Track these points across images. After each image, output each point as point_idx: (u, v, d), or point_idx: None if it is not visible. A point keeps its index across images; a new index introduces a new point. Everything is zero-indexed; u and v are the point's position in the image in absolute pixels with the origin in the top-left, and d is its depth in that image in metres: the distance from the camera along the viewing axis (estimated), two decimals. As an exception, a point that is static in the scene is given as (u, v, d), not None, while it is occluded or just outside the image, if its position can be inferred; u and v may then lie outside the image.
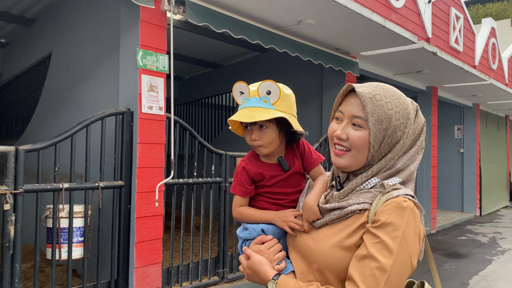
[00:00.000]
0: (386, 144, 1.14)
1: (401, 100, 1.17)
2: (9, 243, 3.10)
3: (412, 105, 1.19)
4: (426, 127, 8.84)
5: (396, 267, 1.04)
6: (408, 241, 1.06)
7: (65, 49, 5.42)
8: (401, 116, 1.14)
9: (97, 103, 4.57)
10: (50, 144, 3.39)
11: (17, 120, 7.21)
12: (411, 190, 1.15)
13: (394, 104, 1.14)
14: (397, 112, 1.14)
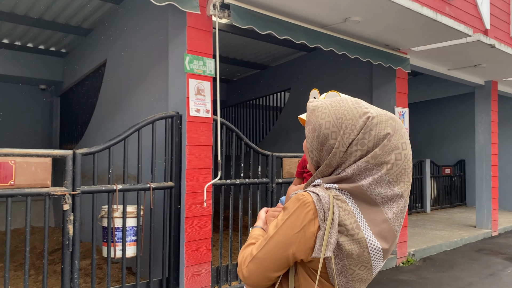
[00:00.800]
0: (325, 152, 1.21)
1: (341, 111, 1.20)
2: (68, 241, 3.30)
3: (361, 117, 1.18)
4: (485, 124, 8.46)
5: (270, 244, 1.19)
6: (287, 227, 1.16)
7: (119, 57, 5.68)
8: (332, 125, 1.19)
9: (148, 107, 4.75)
10: (104, 147, 3.57)
11: (77, 125, 7.65)
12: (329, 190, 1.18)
13: (328, 114, 1.20)
14: (327, 122, 1.19)
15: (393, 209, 1.18)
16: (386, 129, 1.17)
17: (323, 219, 1.13)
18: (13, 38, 7.29)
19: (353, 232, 1.13)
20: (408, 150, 1.21)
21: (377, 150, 1.16)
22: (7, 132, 8.38)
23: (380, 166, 1.16)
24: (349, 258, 1.15)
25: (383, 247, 1.16)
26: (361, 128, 1.17)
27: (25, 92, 8.79)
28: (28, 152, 3.19)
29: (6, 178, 3.12)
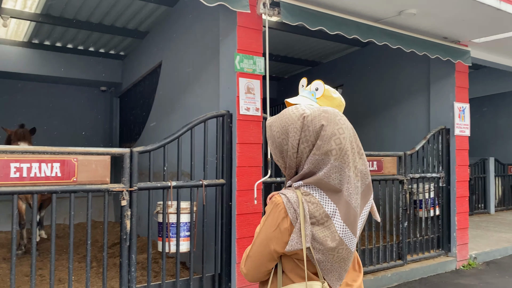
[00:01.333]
0: (284, 157, 1.42)
1: (284, 119, 1.41)
2: (126, 235, 3.46)
3: (299, 118, 1.38)
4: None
5: (256, 243, 1.41)
6: (266, 227, 1.38)
7: (173, 58, 5.86)
8: (281, 134, 1.40)
9: (200, 107, 4.86)
10: (159, 145, 3.70)
11: (135, 124, 7.99)
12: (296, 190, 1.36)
13: (276, 126, 1.42)
14: (277, 132, 1.41)
15: (350, 190, 1.35)
16: (320, 122, 1.35)
17: (294, 216, 1.33)
18: (76, 43, 7.75)
19: (323, 221, 1.33)
20: (346, 134, 1.36)
21: (318, 141, 1.34)
22: (71, 132, 8.92)
23: (326, 154, 1.33)
24: (324, 245, 1.33)
25: (350, 227, 1.35)
26: (301, 128, 1.37)
27: (88, 93, 9.31)
28: (89, 151, 3.38)
29: (69, 175, 3.32)
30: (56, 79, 8.34)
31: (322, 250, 1.33)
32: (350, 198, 1.35)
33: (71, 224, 3.31)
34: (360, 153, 1.41)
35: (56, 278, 4.71)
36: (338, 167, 1.33)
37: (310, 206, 1.33)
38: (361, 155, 1.42)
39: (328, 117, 1.37)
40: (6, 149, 3.08)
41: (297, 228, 1.32)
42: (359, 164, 1.40)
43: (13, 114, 8.08)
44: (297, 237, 1.32)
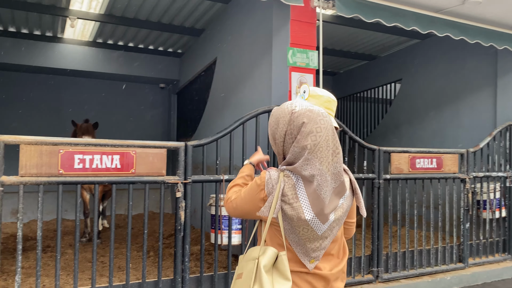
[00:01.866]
0: (276, 145, 1.69)
1: (277, 113, 1.68)
2: (180, 226, 3.56)
3: (289, 113, 1.62)
4: None
5: (242, 197, 1.76)
6: (249, 189, 1.73)
7: (227, 54, 5.94)
8: (275, 123, 1.67)
9: (253, 102, 4.89)
10: (213, 140, 3.77)
11: (191, 120, 8.21)
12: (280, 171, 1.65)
13: (273, 116, 1.71)
14: (273, 121, 1.70)
15: (320, 181, 1.55)
16: (303, 119, 1.57)
17: (270, 190, 1.61)
18: (137, 41, 8.09)
19: (292, 201, 1.57)
20: (323, 133, 1.57)
21: (298, 136, 1.58)
22: (131, 127, 9.35)
23: (303, 148, 1.57)
24: (292, 221, 1.58)
25: (316, 213, 1.55)
26: (288, 122, 1.60)
27: (147, 90, 9.70)
28: (146, 144, 3.51)
29: (128, 167, 3.47)
30: (119, 76, 8.77)
31: (290, 225, 1.59)
32: (320, 188, 1.55)
33: (129, 214, 3.47)
34: (335, 152, 1.60)
35: (116, 265, 4.96)
36: (310, 160, 1.56)
37: (286, 185, 1.59)
38: (336, 154, 1.60)
39: (310, 116, 1.59)
40: (71, 141, 3.28)
41: (270, 200, 1.61)
42: (333, 162, 1.59)
43: (79, 110, 8.61)
44: (268, 206, 1.62)
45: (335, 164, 1.59)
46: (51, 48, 7.78)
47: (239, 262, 1.76)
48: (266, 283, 1.54)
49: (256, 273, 1.58)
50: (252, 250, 1.69)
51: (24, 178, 3.13)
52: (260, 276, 1.57)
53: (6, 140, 3.07)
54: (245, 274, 1.63)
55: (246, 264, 1.66)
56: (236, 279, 1.71)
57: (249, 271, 1.62)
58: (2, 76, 8.32)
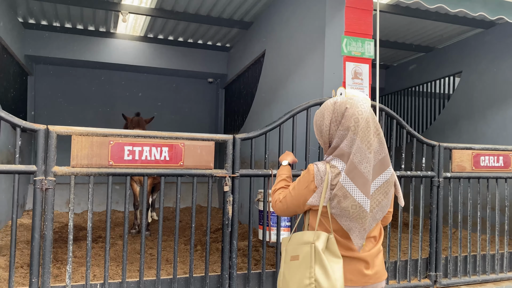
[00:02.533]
0: (322, 135, 1.91)
1: (323, 106, 1.92)
2: (228, 221, 3.47)
3: (332, 104, 1.88)
4: None
5: (290, 194, 1.98)
6: (299, 184, 1.93)
7: (276, 46, 5.79)
8: (320, 116, 1.91)
9: (303, 94, 4.71)
10: (261, 133, 3.64)
11: (238, 114, 8.15)
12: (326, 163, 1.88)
13: (317, 112, 1.94)
14: (318, 116, 1.93)
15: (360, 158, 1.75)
16: (345, 105, 1.81)
17: (319, 182, 1.83)
18: (187, 36, 8.13)
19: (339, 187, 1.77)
20: (364, 115, 1.77)
21: (342, 120, 1.80)
22: (180, 121, 9.44)
23: (347, 129, 1.78)
24: (340, 204, 1.77)
25: (360, 188, 1.74)
26: (332, 111, 1.84)
27: (196, 85, 9.76)
28: (194, 136, 3.44)
29: (176, 159, 3.42)
30: (168, 71, 8.87)
31: (339, 207, 1.80)
32: (360, 165, 1.75)
33: (177, 207, 3.42)
34: (376, 133, 1.81)
35: (164, 258, 4.98)
36: (354, 140, 1.77)
37: (332, 176, 1.82)
38: (377, 135, 1.81)
39: (351, 102, 1.83)
40: (121, 133, 3.27)
41: (319, 190, 1.83)
42: (374, 141, 1.78)
43: (130, 104, 8.80)
44: (317, 196, 1.84)
45: (376, 144, 1.79)
46: (104, 43, 7.99)
47: (287, 245, 1.96)
48: (325, 262, 1.77)
49: (315, 256, 1.79)
50: (302, 235, 1.90)
51: (75, 169, 3.15)
52: (319, 257, 1.78)
53: (58, 131, 3.11)
54: (303, 256, 1.83)
55: (301, 247, 1.85)
56: (290, 260, 1.89)
57: (307, 253, 1.82)
58: (57, 71, 8.66)
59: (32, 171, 3.06)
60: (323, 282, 1.75)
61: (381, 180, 1.80)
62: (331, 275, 1.75)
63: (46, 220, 3.09)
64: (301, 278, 1.80)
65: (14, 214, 3.05)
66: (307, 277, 1.78)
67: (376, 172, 1.78)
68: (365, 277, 1.85)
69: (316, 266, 1.77)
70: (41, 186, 3.06)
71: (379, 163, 1.79)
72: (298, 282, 1.81)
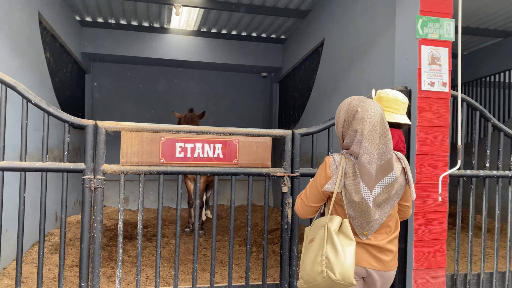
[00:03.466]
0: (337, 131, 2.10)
1: (341, 105, 2.08)
2: (287, 225, 3.14)
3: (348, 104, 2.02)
4: None
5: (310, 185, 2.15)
6: (317, 175, 2.10)
7: (337, 34, 5.36)
8: (338, 112, 2.07)
9: (370, 84, 4.27)
10: (324, 127, 3.27)
11: (294, 109, 7.78)
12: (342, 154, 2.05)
13: (338, 107, 2.10)
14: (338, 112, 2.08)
15: (368, 158, 1.90)
16: (357, 108, 1.95)
17: (334, 170, 2.01)
18: (240, 29, 7.87)
19: (353, 177, 1.94)
20: (373, 119, 1.91)
21: (353, 121, 1.96)
22: (233, 116, 9.23)
23: (355, 131, 1.94)
24: (351, 195, 1.94)
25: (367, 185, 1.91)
26: (346, 111, 2.00)
27: (249, 79, 9.50)
28: (250, 132, 3.15)
29: (231, 157, 3.14)
30: (222, 66, 8.67)
31: (349, 197, 1.94)
32: (368, 164, 1.88)
33: (232, 209, 3.15)
34: (383, 136, 1.90)
35: (218, 259, 4.74)
36: (361, 141, 1.89)
37: (347, 165, 1.96)
38: (383, 137, 1.90)
39: (363, 106, 1.93)
40: (172, 128, 3.04)
41: (334, 178, 1.98)
42: (380, 143, 1.89)
43: (183, 100, 8.71)
44: (332, 183, 1.97)
45: (381, 146, 1.90)
46: (158, 39, 7.93)
47: (308, 232, 2.13)
48: (336, 241, 1.90)
49: (327, 236, 1.93)
50: (319, 220, 2.05)
51: (125, 167, 2.96)
52: (331, 237, 1.92)
53: (107, 127, 2.92)
54: (317, 238, 1.98)
55: (317, 231, 2.01)
56: (308, 243, 2.06)
57: (321, 235, 1.96)
58: (113, 69, 8.73)
59: (81, 169, 2.90)
60: (333, 259, 1.88)
61: (386, 181, 1.93)
62: (340, 253, 1.88)
63: (95, 221, 2.92)
64: (314, 257, 1.95)
65: (63, 214, 2.91)
66: (319, 255, 1.92)
67: (381, 173, 1.91)
68: (379, 262, 2.00)
69: (328, 245, 1.92)
70: (89, 186, 2.89)
71: (385, 165, 1.91)
72: (312, 261, 1.96)
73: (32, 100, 2.82)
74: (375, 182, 1.90)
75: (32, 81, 4.85)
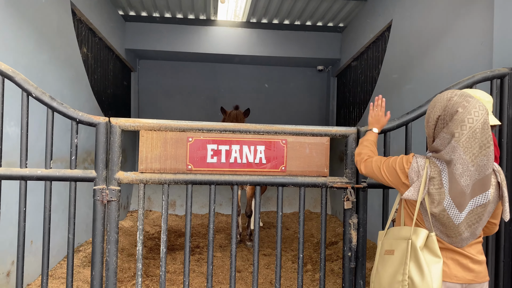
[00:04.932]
0: (427, 127, 1.80)
1: (438, 97, 1.76)
2: (351, 252, 2.40)
3: (447, 100, 1.70)
4: None
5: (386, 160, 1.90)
6: (395, 159, 1.85)
7: (409, 12, 4.49)
8: (432, 107, 1.76)
9: (453, 68, 3.40)
10: (400, 124, 2.52)
11: (355, 105, 6.92)
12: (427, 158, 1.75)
13: (432, 100, 1.79)
14: (431, 105, 1.78)
15: (461, 169, 1.62)
16: (458, 108, 1.64)
17: (414, 174, 1.73)
18: (293, 18, 7.14)
19: (438, 186, 1.67)
20: (474, 124, 1.61)
21: (450, 123, 1.65)
22: (285, 114, 8.52)
23: (451, 135, 1.64)
24: (434, 205, 1.68)
25: (454, 200, 1.65)
26: (444, 108, 1.69)
27: (303, 74, 8.73)
28: (301, 130, 2.46)
29: (276, 163, 2.46)
30: (273, 59, 7.99)
31: (429, 210, 1.71)
32: (460, 176, 1.63)
33: (278, 227, 2.47)
34: (484, 146, 1.62)
35: (267, 279, 4.08)
36: (455, 148, 1.63)
37: (432, 171, 1.70)
38: (485, 148, 1.62)
39: (466, 106, 1.64)
40: (202, 126, 2.41)
41: (417, 184, 1.72)
42: (479, 154, 1.62)
43: (232, 98, 8.13)
44: (414, 190, 1.73)
45: (482, 157, 1.62)
46: (205, 32, 7.40)
47: (383, 239, 1.87)
48: (422, 260, 1.66)
49: (411, 252, 1.70)
50: (399, 230, 1.80)
51: (144, 175, 2.38)
52: (416, 254, 1.68)
53: (123, 125, 2.36)
54: (398, 252, 1.75)
55: (397, 243, 1.78)
56: (384, 254, 1.82)
57: (403, 249, 1.73)
58: (159, 66, 8.35)
59: (91, 178, 2.35)
60: (418, 281, 1.66)
61: (480, 200, 1.66)
62: (426, 274, 1.65)
63: (109, 242, 2.36)
64: (394, 273, 1.73)
65: (71, 233, 2.37)
66: (400, 273, 1.71)
67: (477, 189, 1.65)
68: (470, 273, 1.72)
69: (411, 263, 1.69)
70: (101, 198, 2.33)
71: (483, 180, 1.64)
72: (390, 277, 1.74)
73: (33, 93, 2.31)
74: (468, 199, 1.64)
75: (64, 77, 4.45)
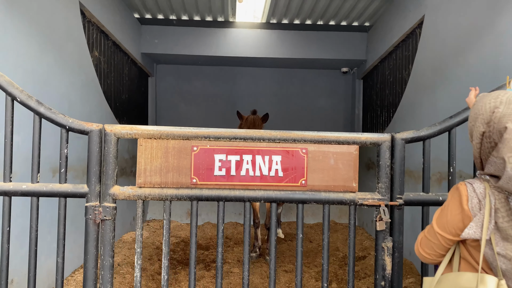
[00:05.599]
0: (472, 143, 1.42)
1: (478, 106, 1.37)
2: (384, 281, 2.02)
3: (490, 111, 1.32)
4: None
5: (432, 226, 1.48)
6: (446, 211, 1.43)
7: (444, 5, 4.06)
8: (472, 119, 1.39)
9: (498, 66, 2.97)
10: (442, 129, 2.13)
11: (383, 108, 6.49)
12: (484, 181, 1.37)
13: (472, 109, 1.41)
14: (471, 116, 1.40)
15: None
16: (506, 123, 1.27)
17: (476, 206, 1.34)
18: (315, 17, 6.78)
19: (508, 218, 1.29)
20: None
21: (500, 144, 1.29)
22: (307, 119, 8.14)
23: (503, 160, 1.27)
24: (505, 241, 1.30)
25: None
26: (488, 122, 1.32)
27: (326, 77, 8.33)
28: (325, 137, 2.10)
29: (295, 176, 2.11)
30: (294, 62, 7.63)
31: (504, 245, 1.31)
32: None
33: (298, 246, 2.11)
34: None
35: (288, 301, 3.71)
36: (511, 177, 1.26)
37: (497, 199, 1.31)
38: None
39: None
40: (208, 134, 2.08)
41: (479, 217, 1.32)
42: None
43: (251, 102, 7.81)
44: (476, 226, 1.33)
45: None
46: (223, 34, 7.11)
47: None
48: None
49: None
50: (458, 277, 1.41)
51: (143, 190, 2.08)
52: None
53: (118, 132, 2.06)
54: None
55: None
56: None
57: None
58: (177, 71, 8.10)
59: (83, 194, 2.06)
60: None
61: None
62: None
63: (103, 268, 2.06)
64: None
65: (59, 257, 2.07)
66: None
67: None
68: None
69: None
70: (93, 217, 2.03)
71: None
72: None
73: (18, 97, 2.03)
74: None
75: (71, 81, 4.22)
